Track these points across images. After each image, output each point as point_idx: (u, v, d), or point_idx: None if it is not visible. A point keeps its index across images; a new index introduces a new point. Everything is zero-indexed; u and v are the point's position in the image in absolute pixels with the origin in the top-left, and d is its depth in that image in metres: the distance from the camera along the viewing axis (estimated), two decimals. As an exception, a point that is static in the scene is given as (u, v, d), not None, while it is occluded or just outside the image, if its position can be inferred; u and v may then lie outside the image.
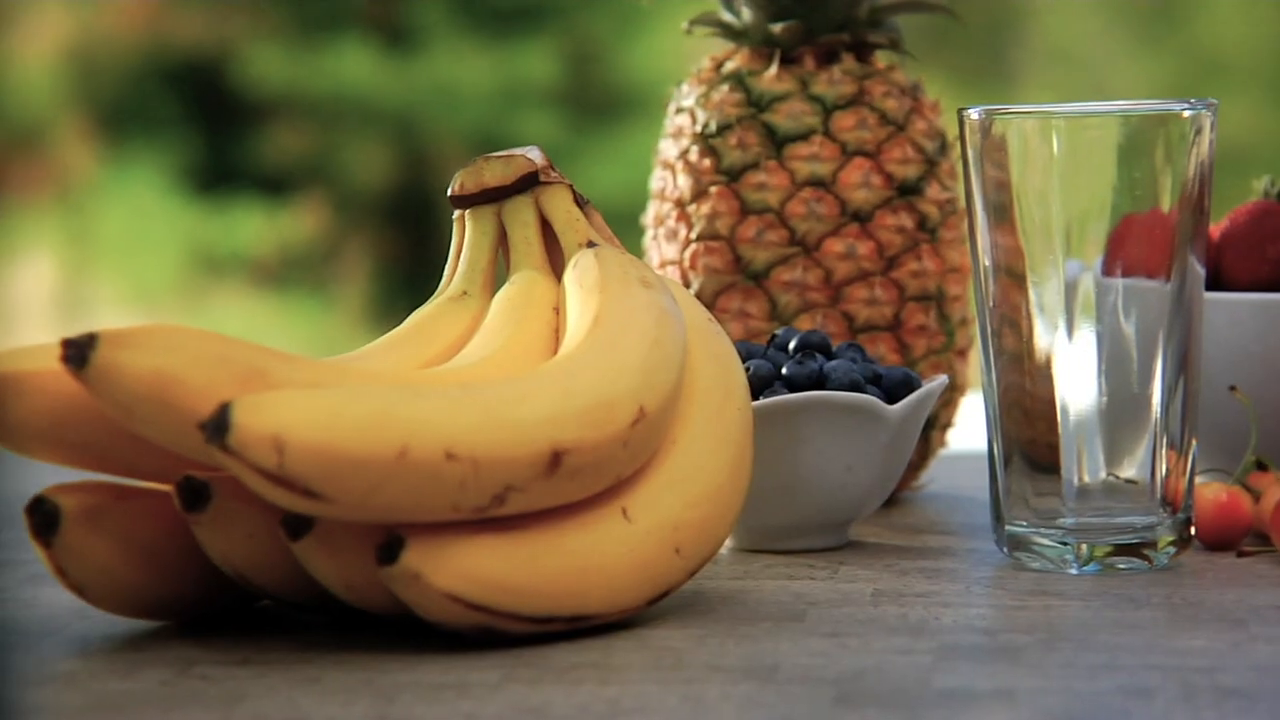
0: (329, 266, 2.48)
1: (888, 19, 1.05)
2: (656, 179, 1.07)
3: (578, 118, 2.52)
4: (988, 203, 0.89)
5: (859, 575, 0.89)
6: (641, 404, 0.80)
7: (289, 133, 2.52)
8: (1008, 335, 0.89)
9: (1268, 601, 0.83)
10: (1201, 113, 0.88)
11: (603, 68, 2.52)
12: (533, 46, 2.54)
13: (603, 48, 2.52)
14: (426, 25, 2.55)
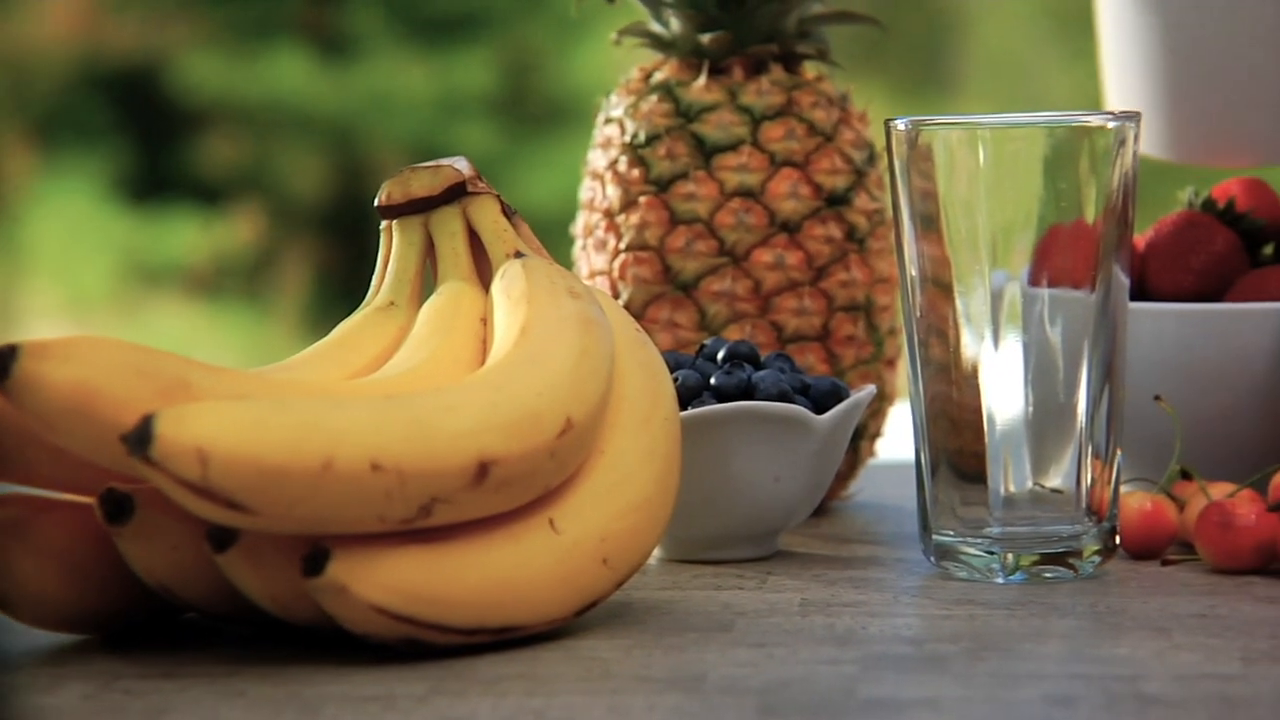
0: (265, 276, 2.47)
1: (816, 30, 1.05)
2: (585, 189, 1.07)
3: (515, 127, 2.52)
4: (914, 213, 0.89)
5: (787, 585, 0.90)
6: (569, 415, 0.80)
7: (224, 141, 2.52)
8: (934, 345, 0.89)
9: (1190, 610, 0.84)
10: (1125, 125, 0.88)
11: (540, 77, 2.52)
12: (470, 55, 2.54)
13: (540, 57, 2.52)
14: (363, 34, 2.54)
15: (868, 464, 1.07)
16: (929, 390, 0.89)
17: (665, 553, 0.95)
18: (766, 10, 1.03)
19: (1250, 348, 0.96)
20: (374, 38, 2.53)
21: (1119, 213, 0.88)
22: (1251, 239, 1.02)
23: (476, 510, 0.78)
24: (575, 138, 1.07)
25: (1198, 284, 1.00)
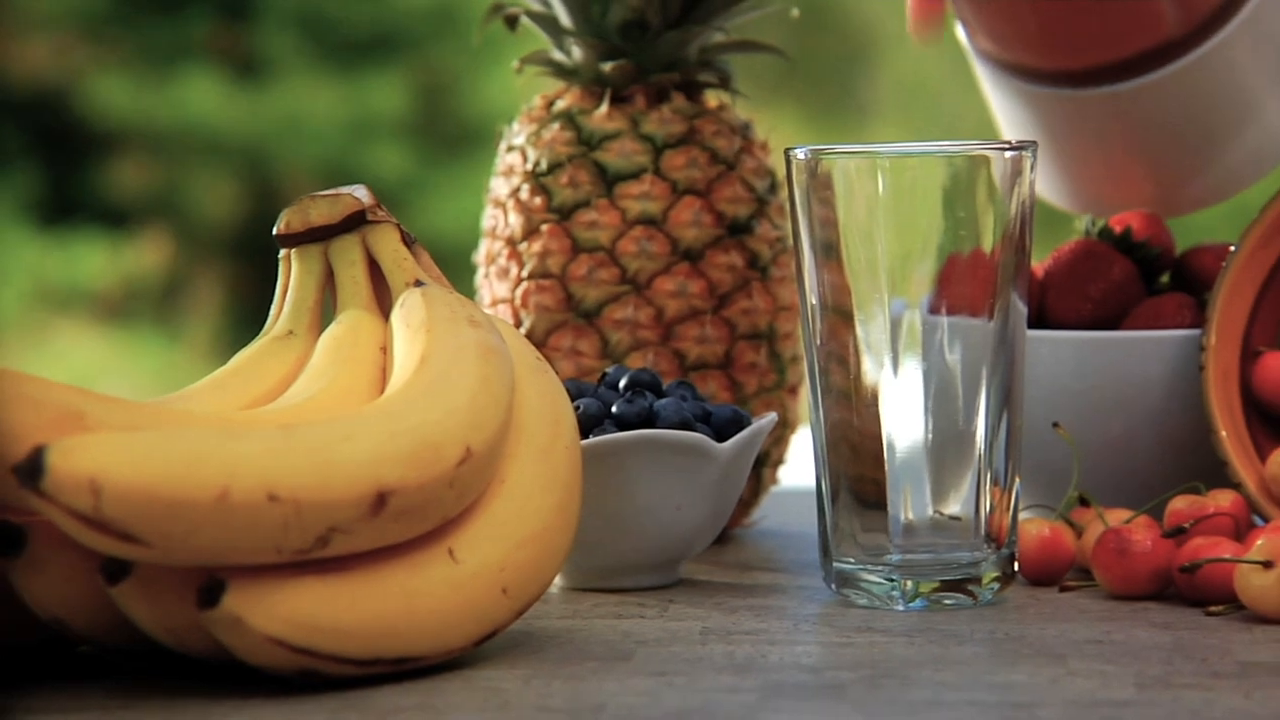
0: (175, 300, 2.46)
1: (718, 59, 1.06)
2: (488, 217, 1.07)
3: (428, 150, 2.51)
4: (815, 241, 0.90)
5: (688, 613, 0.90)
6: (468, 444, 0.80)
7: (134, 165, 2.50)
8: (835, 372, 0.89)
9: (1087, 636, 0.85)
10: (1023, 154, 0.89)
11: (453, 100, 2.52)
12: (383, 78, 2.54)
13: (452, 80, 2.51)
14: (275, 56, 2.53)
15: (770, 491, 1.07)
16: (829, 417, 0.90)
17: (566, 581, 0.95)
18: (668, 39, 1.03)
19: (1147, 375, 0.97)
20: (286, 61, 2.53)
21: (1016, 241, 0.89)
22: (1148, 268, 1.03)
23: (375, 540, 0.78)
24: (489, 161, 1.07)
25: (1095, 312, 1.01)
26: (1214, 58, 1.03)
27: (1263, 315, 0.97)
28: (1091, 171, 1.08)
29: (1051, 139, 1.07)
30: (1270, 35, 1.05)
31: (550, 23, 1.05)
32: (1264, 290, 0.97)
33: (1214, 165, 1.07)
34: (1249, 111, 1.06)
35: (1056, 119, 1.06)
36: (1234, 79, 1.04)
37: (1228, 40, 1.03)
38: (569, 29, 1.05)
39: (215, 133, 2.50)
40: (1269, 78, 1.05)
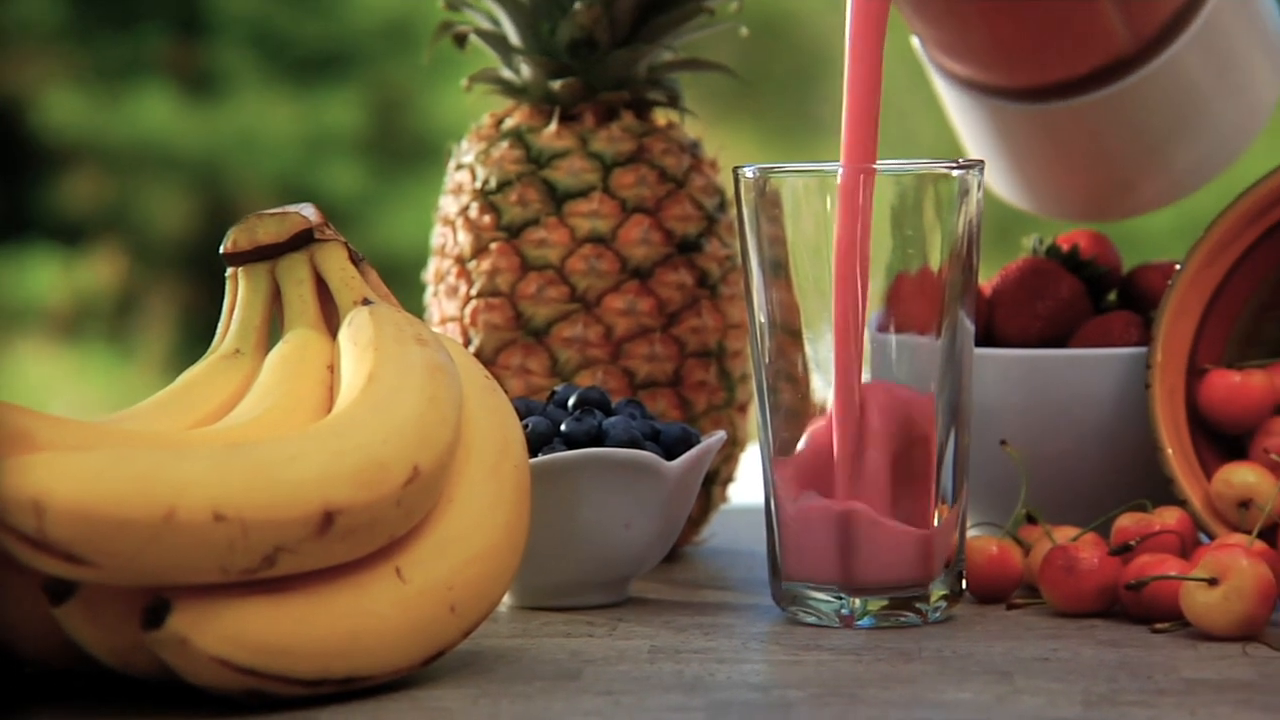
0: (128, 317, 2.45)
1: (667, 77, 1.06)
2: (437, 235, 1.07)
3: (382, 166, 2.51)
4: (763, 259, 0.90)
5: (637, 632, 0.90)
6: (416, 463, 0.80)
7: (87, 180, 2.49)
8: (784, 390, 0.89)
9: (1034, 654, 0.85)
10: (969, 173, 0.89)
11: (407, 116, 2.52)
12: (337, 95, 2.54)
13: (407, 96, 2.51)
14: (230, 72, 2.53)
15: (720, 509, 1.07)
16: (778, 435, 0.90)
17: (515, 600, 0.95)
18: (617, 57, 1.04)
19: (1094, 393, 0.98)
20: (240, 76, 2.52)
21: (964, 260, 0.89)
22: (1095, 285, 1.03)
23: (321, 560, 0.78)
24: (443, 178, 1.07)
25: (1043, 330, 1.01)
26: (1165, 71, 1.04)
27: (1208, 333, 0.97)
28: (1051, 177, 1.09)
29: (1010, 148, 1.08)
30: (1218, 48, 1.06)
31: (499, 41, 1.05)
32: (1209, 308, 0.97)
33: (1168, 171, 1.08)
34: (1201, 119, 1.07)
35: (1014, 130, 1.07)
36: (1185, 90, 1.06)
37: (1178, 55, 1.04)
38: (518, 47, 1.05)
39: (169, 148, 2.50)
40: (1218, 87, 1.07)
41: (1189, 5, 1.04)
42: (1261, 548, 0.89)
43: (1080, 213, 1.11)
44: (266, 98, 2.52)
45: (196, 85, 2.52)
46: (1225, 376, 0.96)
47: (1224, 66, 1.07)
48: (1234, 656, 0.84)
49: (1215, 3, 1.04)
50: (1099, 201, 1.09)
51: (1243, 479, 0.93)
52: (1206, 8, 1.04)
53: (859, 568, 0.89)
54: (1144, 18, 1.03)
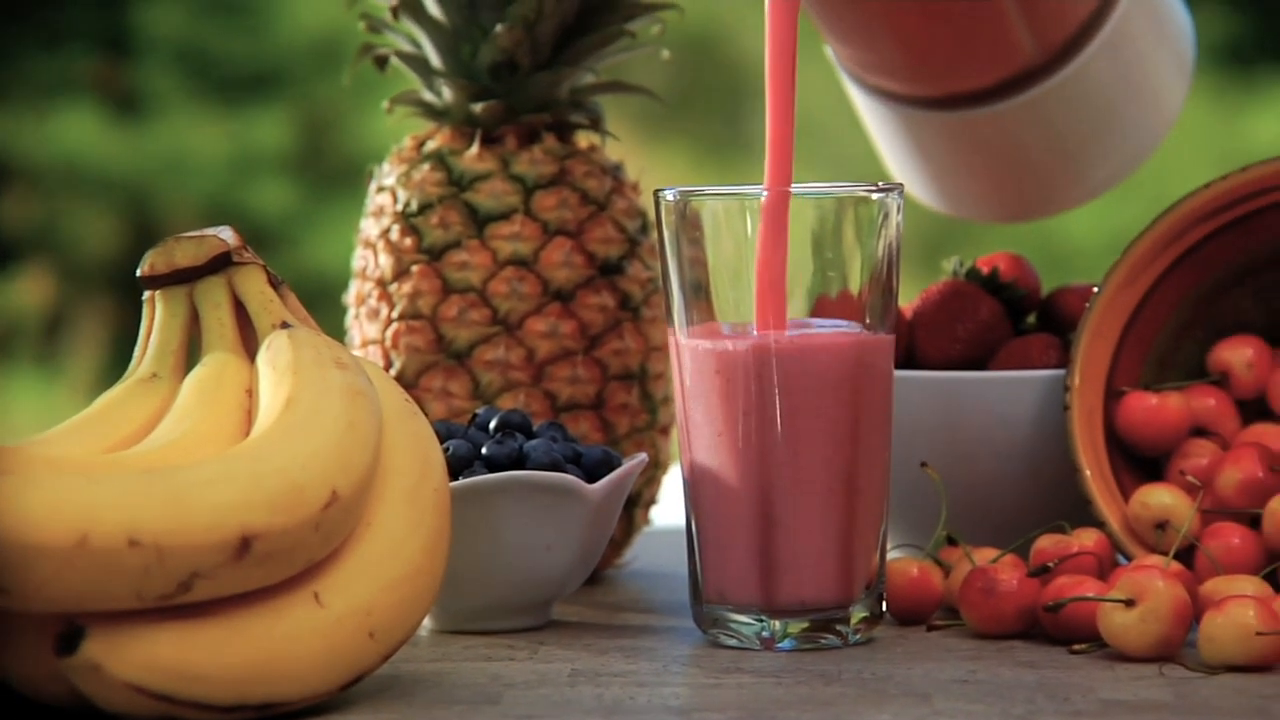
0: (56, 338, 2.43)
1: (589, 99, 1.06)
2: (358, 258, 1.06)
3: (311, 187, 2.50)
4: (684, 282, 0.90)
5: (558, 655, 0.89)
6: (334, 487, 0.80)
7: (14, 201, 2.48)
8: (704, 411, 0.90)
9: (953, 675, 0.85)
10: (889, 196, 0.90)
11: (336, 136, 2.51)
12: (265, 115, 2.53)
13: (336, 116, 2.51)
14: (157, 92, 2.52)
15: (642, 531, 1.07)
16: (699, 457, 0.90)
17: (436, 624, 0.94)
18: (539, 80, 1.04)
19: (1014, 415, 0.98)
20: (167, 97, 2.51)
21: (884, 282, 0.89)
22: (1015, 308, 1.04)
23: (238, 585, 0.77)
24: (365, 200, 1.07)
25: (964, 352, 1.01)
26: (1075, 79, 1.05)
27: (1126, 355, 0.98)
28: (965, 182, 1.10)
29: (924, 154, 1.09)
30: (1125, 54, 1.07)
31: (420, 64, 1.05)
32: (1127, 330, 0.98)
33: (1081, 173, 1.09)
34: (1111, 123, 1.08)
35: (927, 137, 1.08)
36: (1095, 96, 1.07)
37: (1086, 63, 1.05)
38: (439, 70, 1.05)
39: (96, 169, 2.48)
40: (1126, 92, 1.08)
41: (1096, 15, 1.05)
42: (1178, 569, 0.90)
43: (995, 215, 1.12)
44: (194, 118, 2.51)
45: (123, 105, 2.51)
46: (1142, 398, 0.96)
47: (1132, 71, 1.08)
48: (1150, 677, 0.84)
49: (1121, 11, 1.05)
50: (1014, 204, 1.11)
51: (1159, 500, 0.93)
52: (1113, 16, 1.05)
53: (780, 589, 0.89)
54: (1050, 29, 1.04)
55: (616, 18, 1.04)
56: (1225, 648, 0.85)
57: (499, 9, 1.02)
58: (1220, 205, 0.96)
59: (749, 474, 0.89)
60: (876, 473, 0.90)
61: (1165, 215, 0.97)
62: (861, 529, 0.90)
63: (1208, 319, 0.99)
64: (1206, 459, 0.95)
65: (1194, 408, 0.97)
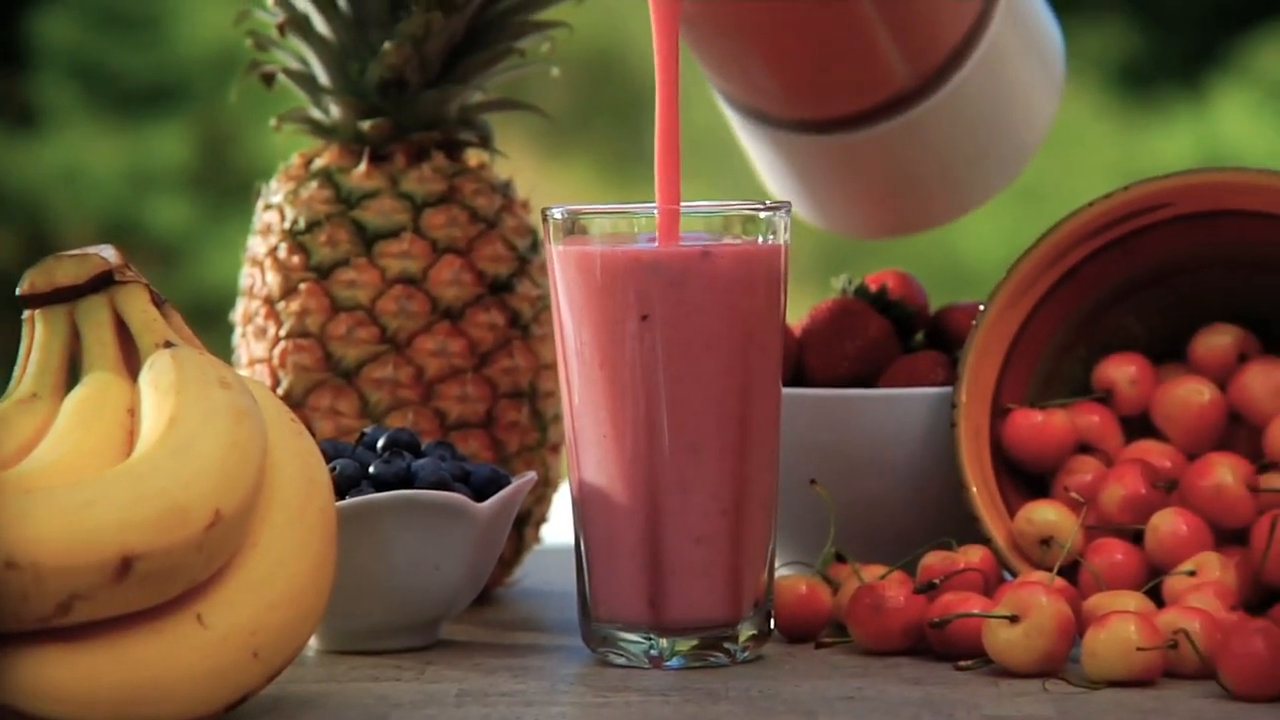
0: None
1: (478, 117, 1.06)
2: (245, 276, 1.06)
3: (209, 202, 2.49)
4: (572, 300, 0.90)
5: (445, 675, 0.89)
6: (217, 507, 0.79)
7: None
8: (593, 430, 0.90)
9: (839, 693, 0.85)
10: (776, 214, 0.90)
11: (235, 152, 2.50)
12: (163, 130, 2.51)
13: (235, 131, 2.49)
14: (53, 107, 2.50)
15: (532, 550, 1.07)
16: (587, 476, 0.90)
17: (323, 644, 0.94)
18: (427, 98, 1.03)
19: (902, 432, 0.99)
20: (64, 111, 2.49)
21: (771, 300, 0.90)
22: (903, 325, 1.04)
23: (119, 606, 0.77)
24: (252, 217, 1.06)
25: (852, 369, 1.02)
26: (950, 102, 1.06)
27: (1012, 373, 0.98)
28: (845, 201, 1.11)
29: (802, 176, 1.10)
30: (999, 73, 1.08)
31: (307, 81, 1.05)
32: (1013, 348, 0.98)
33: (958, 189, 1.11)
34: (987, 140, 1.09)
35: (803, 160, 1.09)
36: (971, 115, 1.08)
37: (961, 85, 1.06)
38: (327, 87, 1.04)
39: (-9, 183, 2.46)
40: (1001, 108, 1.09)
41: (969, 37, 1.06)
42: (1062, 585, 0.91)
43: (874, 232, 1.13)
44: (90, 132, 2.49)
45: (18, 119, 2.48)
46: (1028, 415, 0.97)
47: (1006, 90, 1.09)
48: (1034, 693, 0.85)
49: (994, 32, 1.06)
50: (893, 221, 1.12)
51: (1044, 517, 0.94)
52: (986, 38, 1.06)
53: (668, 607, 0.89)
54: (924, 54, 1.05)
55: (505, 36, 1.03)
56: (1107, 663, 0.85)
57: (387, 27, 1.02)
58: (1102, 224, 0.97)
59: (637, 491, 0.89)
60: (764, 490, 0.90)
61: (1049, 235, 0.98)
62: (750, 547, 0.90)
63: (1092, 337, 1.00)
64: (1090, 475, 0.96)
65: (1078, 424, 0.97)
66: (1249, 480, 0.93)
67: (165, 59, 2.52)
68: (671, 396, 0.88)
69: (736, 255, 0.89)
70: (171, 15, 2.52)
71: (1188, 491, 0.93)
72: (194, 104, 2.51)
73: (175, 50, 2.52)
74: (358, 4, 1.02)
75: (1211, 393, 0.96)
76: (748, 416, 0.89)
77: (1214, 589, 0.89)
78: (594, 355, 0.89)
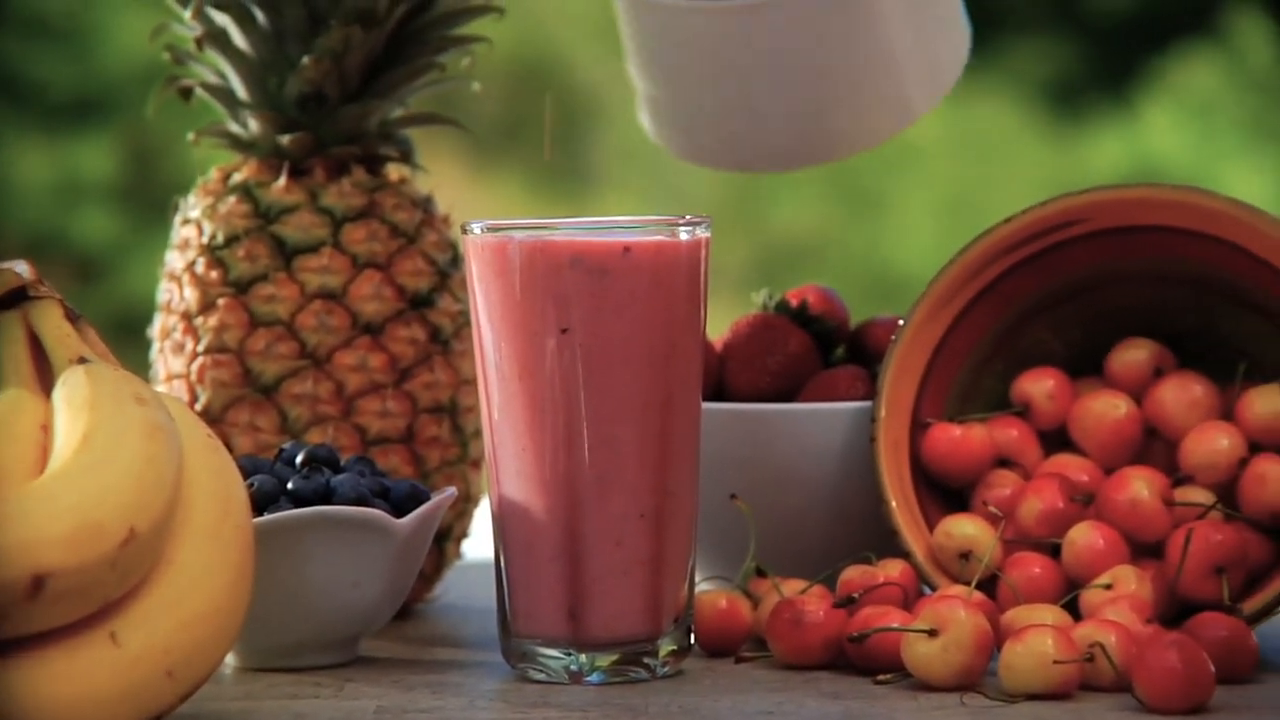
0: None
1: (399, 132, 1.06)
2: (163, 291, 1.05)
3: (137, 215, 2.47)
4: (492, 314, 0.90)
5: (364, 692, 0.89)
6: (132, 524, 0.79)
7: None
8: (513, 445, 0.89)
9: (758, 707, 0.85)
10: (696, 230, 0.90)
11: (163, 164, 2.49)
12: (91, 142, 2.50)
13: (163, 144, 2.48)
14: (-21, 118, 2.48)
15: (453, 565, 1.07)
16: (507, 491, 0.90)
17: (240, 661, 0.93)
18: (347, 112, 1.03)
19: (822, 446, 0.99)
20: (-11, 123, 2.47)
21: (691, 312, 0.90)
22: (824, 340, 1.04)
23: (32, 624, 0.76)
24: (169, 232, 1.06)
25: (773, 384, 1.02)
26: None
27: (931, 387, 0.99)
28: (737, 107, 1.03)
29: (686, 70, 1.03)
30: None
31: (226, 95, 1.04)
32: (932, 363, 0.99)
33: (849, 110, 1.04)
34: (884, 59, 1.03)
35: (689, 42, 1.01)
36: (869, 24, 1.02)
37: None
38: (245, 101, 1.04)
39: (-85, 196, 2.44)
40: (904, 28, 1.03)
41: None
42: (980, 599, 0.91)
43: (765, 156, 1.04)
44: (17, 145, 2.48)
45: (-56, 132, 2.46)
46: (947, 430, 0.97)
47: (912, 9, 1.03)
48: (951, 707, 0.85)
49: None
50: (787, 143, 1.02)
51: (963, 531, 0.94)
52: None
53: (587, 622, 0.89)
54: None
55: (426, 50, 1.03)
56: (1024, 676, 0.86)
57: (306, 41, 1.01)
58: (1019, 240, 0.98)
59: (557, 503, 0.89)
60: (684, 503, 0.90)
61: (966, 250, 0.98)
62: (670, 561, 0.90)
63: (1010, 351, 1.00)
64: (1009, 489, 0.96)
65: (997, 439, 0.98)
66: (1164, 494, 0.93)
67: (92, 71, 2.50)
68: (591, 410, 0.88)
69: (658, 249, 0.88)
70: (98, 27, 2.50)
71: (1104, 505, 0.94)
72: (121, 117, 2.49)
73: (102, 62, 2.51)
74: (276, 18, 1.02)
75: (1128, 407, 0.97)
76: (668, 430, 0.89)
77: (1130, 602, 0.89)
78: (513, 369, 0.89)
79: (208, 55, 1.04)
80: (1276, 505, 0.92)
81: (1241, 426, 0.94)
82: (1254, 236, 0.94)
